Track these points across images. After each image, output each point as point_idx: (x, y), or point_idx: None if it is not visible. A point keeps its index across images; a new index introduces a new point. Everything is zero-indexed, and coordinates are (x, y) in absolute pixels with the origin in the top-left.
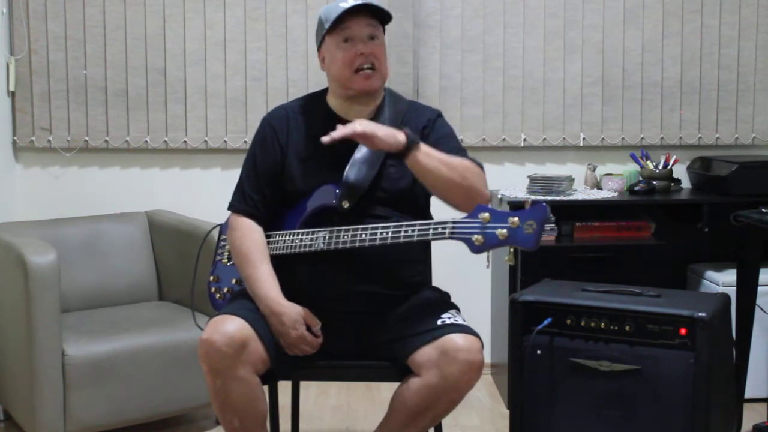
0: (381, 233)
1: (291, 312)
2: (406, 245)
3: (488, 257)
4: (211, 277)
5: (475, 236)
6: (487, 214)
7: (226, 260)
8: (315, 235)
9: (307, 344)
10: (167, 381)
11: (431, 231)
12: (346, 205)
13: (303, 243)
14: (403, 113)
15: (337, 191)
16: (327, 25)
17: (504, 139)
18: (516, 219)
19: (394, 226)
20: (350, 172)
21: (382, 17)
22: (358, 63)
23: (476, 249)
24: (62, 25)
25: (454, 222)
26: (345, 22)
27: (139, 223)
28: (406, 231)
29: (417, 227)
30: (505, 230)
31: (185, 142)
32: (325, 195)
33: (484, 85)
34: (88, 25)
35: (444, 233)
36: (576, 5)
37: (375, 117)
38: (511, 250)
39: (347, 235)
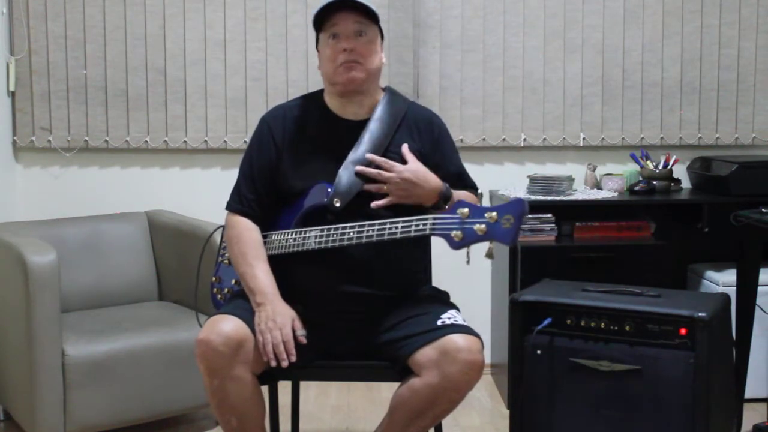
0: (367, 231)
1: (285, 312)
2: (404, 245)
3: (467, 253)
4: (214, 278)
5: (454, 232)
6: (466, 210)
7: (228, 261)
8: (307, 234)
9: (279, 351)
10: (167, 381)
11: (413, 227)
12: (337, 203)
13: (296, 242)
14: (403, 113)
15: (329, 190)
16: (312, 19)
17: (504, 139)
18: (494, 214)
19: (380, 224)
20: (344, 173)
21: (373, 13)
22: (341, 59)
23: (456, 245)
24: (62, 25)
25: (434, 218)
26: (332, 18)
27: (139, 223)
28: (390, 228)
29: (400, 224)
30: (483, 225)
31: (185, 142)
32: (318, 194)
33: (484, 85)
34: (88, 25)
35: (425, 229)
36: (576, 5)
37: (370, 116)
38: (491, 245)
39: (336, 234)
